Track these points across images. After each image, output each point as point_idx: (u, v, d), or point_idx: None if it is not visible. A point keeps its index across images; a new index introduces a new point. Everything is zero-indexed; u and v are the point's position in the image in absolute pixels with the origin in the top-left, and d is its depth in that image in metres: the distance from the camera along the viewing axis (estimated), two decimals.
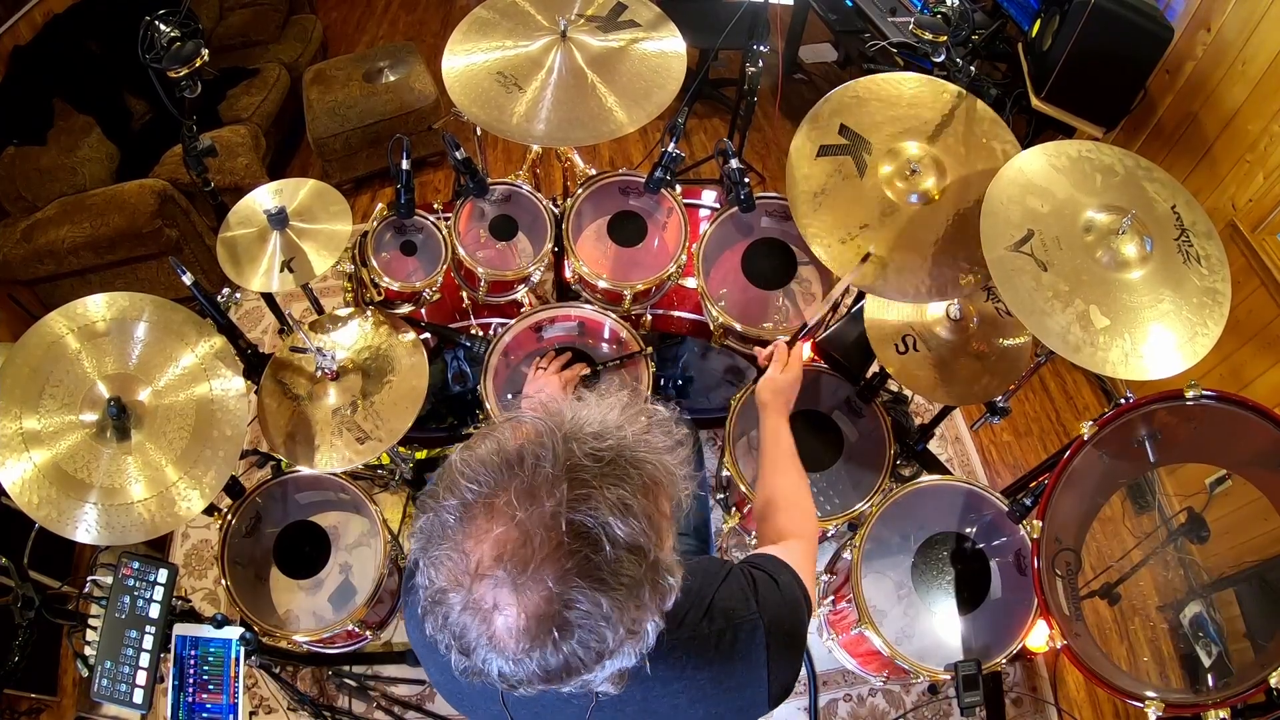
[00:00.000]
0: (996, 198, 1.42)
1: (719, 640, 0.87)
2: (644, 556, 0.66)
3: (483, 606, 0.64)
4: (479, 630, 0.65)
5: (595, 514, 0.64)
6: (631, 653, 0.69)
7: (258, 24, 3.88)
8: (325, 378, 1.72)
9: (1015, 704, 2.22)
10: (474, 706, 0.96)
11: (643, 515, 0.66)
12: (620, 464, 0.67)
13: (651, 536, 0.67)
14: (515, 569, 0.63)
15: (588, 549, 0.63)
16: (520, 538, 0.63)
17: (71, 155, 2.92)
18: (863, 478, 1.83)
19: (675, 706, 0.87)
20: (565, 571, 0.62)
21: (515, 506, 0.64)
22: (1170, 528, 1.43)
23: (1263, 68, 2.15)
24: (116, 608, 1.44)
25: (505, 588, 0.63)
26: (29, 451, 1.41)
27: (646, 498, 0.67)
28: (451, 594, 0.66)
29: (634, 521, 0.65)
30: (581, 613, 0.63)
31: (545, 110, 1.72)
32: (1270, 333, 2.17)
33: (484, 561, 0.64)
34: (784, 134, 3.79)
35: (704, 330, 2.01)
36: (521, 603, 0.63)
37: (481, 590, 0.64)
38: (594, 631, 0.64)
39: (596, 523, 0.64)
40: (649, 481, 0.68)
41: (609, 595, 0.64)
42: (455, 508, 0.66)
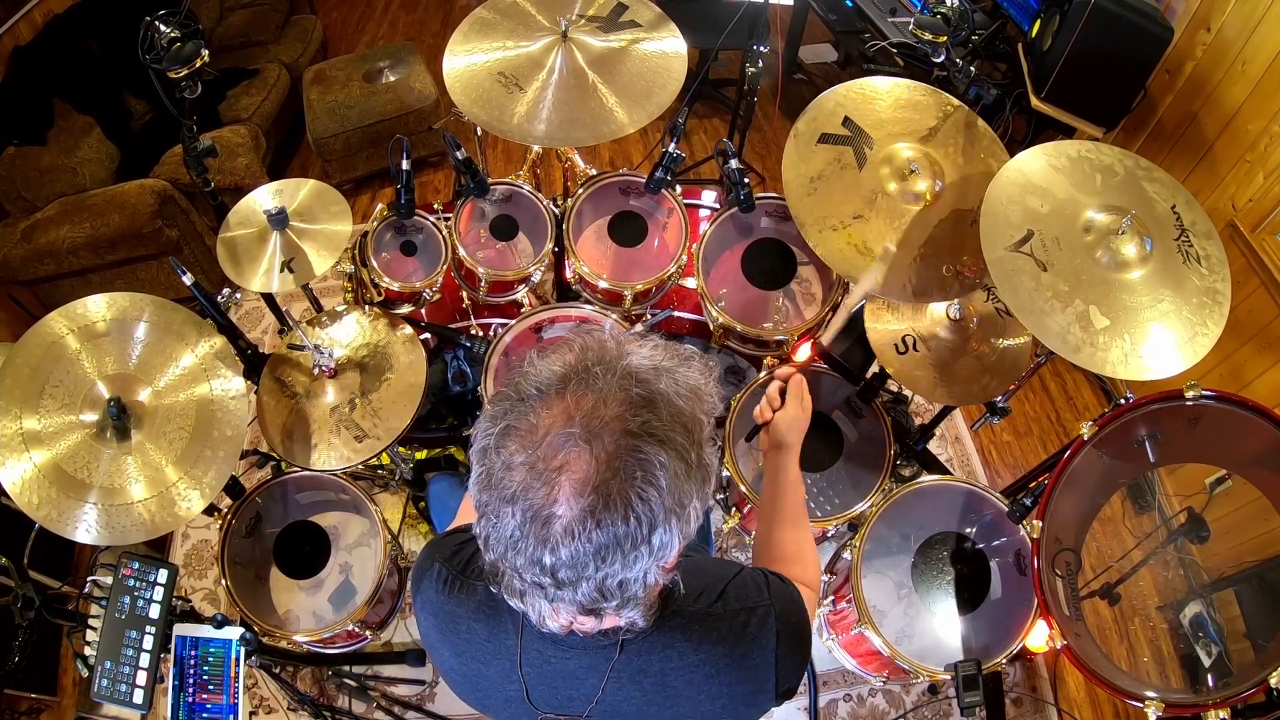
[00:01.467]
0: (996, 198, 1.43)
1: (733, 621, 0.90)
2: (692, 434, 0.74)
3: (551, 464, 0.69)
4: (542, 495, 0.69)
5: (656, 388, 0.73)
6: (676, 535, 0.73)
7: (258, 24, 3.88)
8: (323, 375, 1.72)
9: (1015, 704, 2.22)
10: (489, 690, 0.95)
11: (690, 403, 0.75)
12: (668, 368, 0.76)
13: (696, 422, 0.75)
14: (589, 420, 0.70)
15: (649, 413, 0.71)
16: (595, 398, 0.71)
17: (71, 155, 2.92)
18: (863, 478, 1.83)
19: (690, 682, 0.88)
20: (632, 427, 0.70)
21: (587, 374, 0.72)
22: (1170, 528, 1.43)
23: (1263, 68, 2.15)
24: (116, 608, 1.44)
25: (575, 441, 0.69)
26: (29, 451, 1.41)
27: (691, 394, 0.76)
28: (517, 458, 0.70)
29: (686, 403, 0.74)
30: (646, 461, 0.69)
31: (546, 110, 1.72)
32: (1270, 333, 2.17)
33: (556, 423, 0.70)
34: (784, 135, 3.77)
35: (704, 331, 2.01)
36: (593, 450, 0.69)
37: (551, 448, 0.69)
38: (653, 483, 0.69)
39: (658, 394, 0.72)
40: (692, 386, 0.77)
41: (667, 452, 0.70)
42: (534, 381, 0.74)
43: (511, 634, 0.89)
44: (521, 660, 0.90)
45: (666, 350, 0.79)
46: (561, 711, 0.92)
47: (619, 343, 0.77)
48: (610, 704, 0.90)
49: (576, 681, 0.90)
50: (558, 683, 0.91)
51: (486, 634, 0.91)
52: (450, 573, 0.94)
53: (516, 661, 0.90)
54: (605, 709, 0.90)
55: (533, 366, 0.76)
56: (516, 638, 0.89)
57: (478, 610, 0.91)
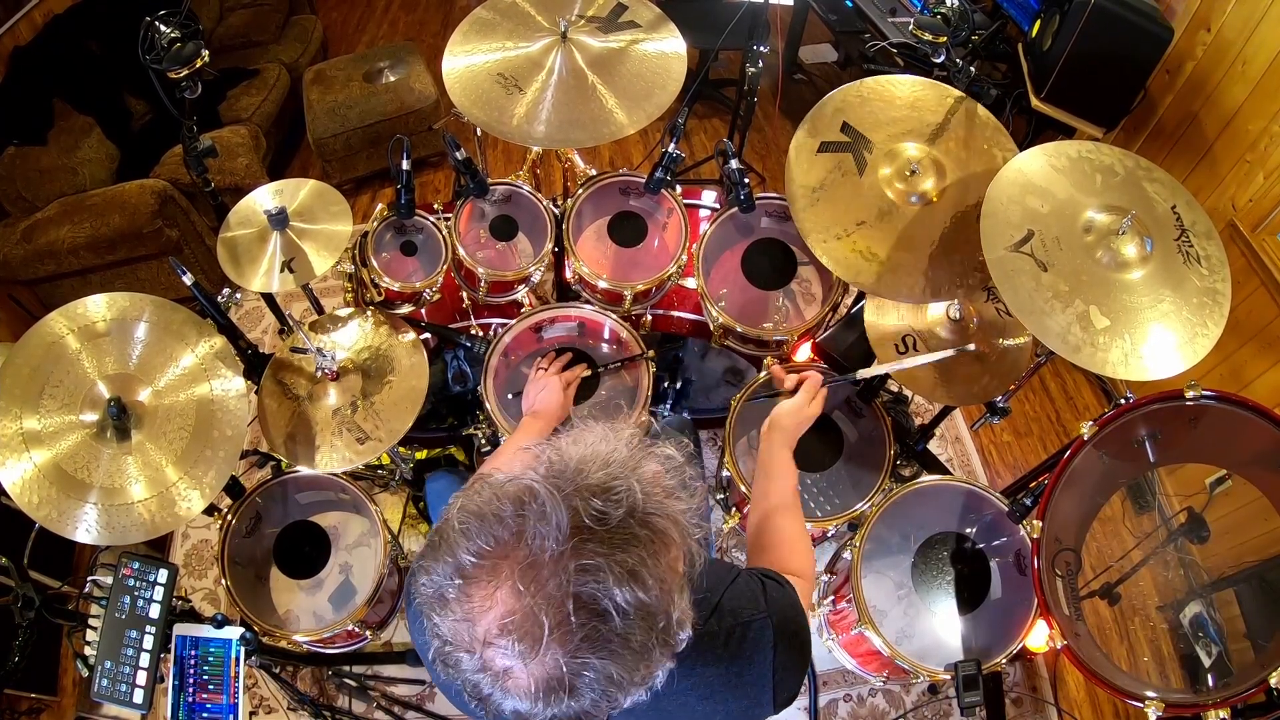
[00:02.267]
0: (996, 198, 1.42)
1: (728, 638, 0.88)
2: (654, 621, 0.65)
3: (493, 668, 0.65)
4: (492, 685, 0.66)
5: (603, 587, 0.63)
6: (647, 690, 0.71)
7: (258, 24, 3.88)
8: (325, 378, 1.72)
9: (1015, 704, 2.22)
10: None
11: (653, 579, 0.65)
12: (628, 524, 0.65)
13: (662, 599, 0.66)
14: (523, 645, 0.63)
15: (596, 621, 0.63)
16: (526, 615, 0.62)
17: (71, 155, 2.92)
18: (863, 478, 1.83)
19: (684, 705, 0.87)
20: (575, 646, 0.63)
21: (518, 582, 0.63)
22: (1170, 528, 1.43)
23: (1263, 68, 2.15)
24: (116, 608, 1.44)
25: (514, 659, 0.64)
26: (29, 451, 1.41)
27: (656, 560, 0.66)
28: (462, 654, 0.66)
29: (644, 588, 0.64)
30: (591, 679, 0.64)
31: (545, 111, 1.72)
32: (1270, 333, 2.17)
33: (491, 631, 0.64)
34: (784, 134, 3.79)
35: (704, 331, 2.01)
36: (531, 671, 0.63)
37: (491, 655, 0.65)
38: (605, 693, 0.65)
39: (605, 595, 0.63)
40: (658, 540, 0.67)
41: (618, 662, 0.64)
42: (453, 574, 0.65)
43: None
44: None
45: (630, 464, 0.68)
46: None
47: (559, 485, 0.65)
48: None
49: None
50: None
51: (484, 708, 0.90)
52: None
53: None
54: None
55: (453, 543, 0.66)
56: None
57: None
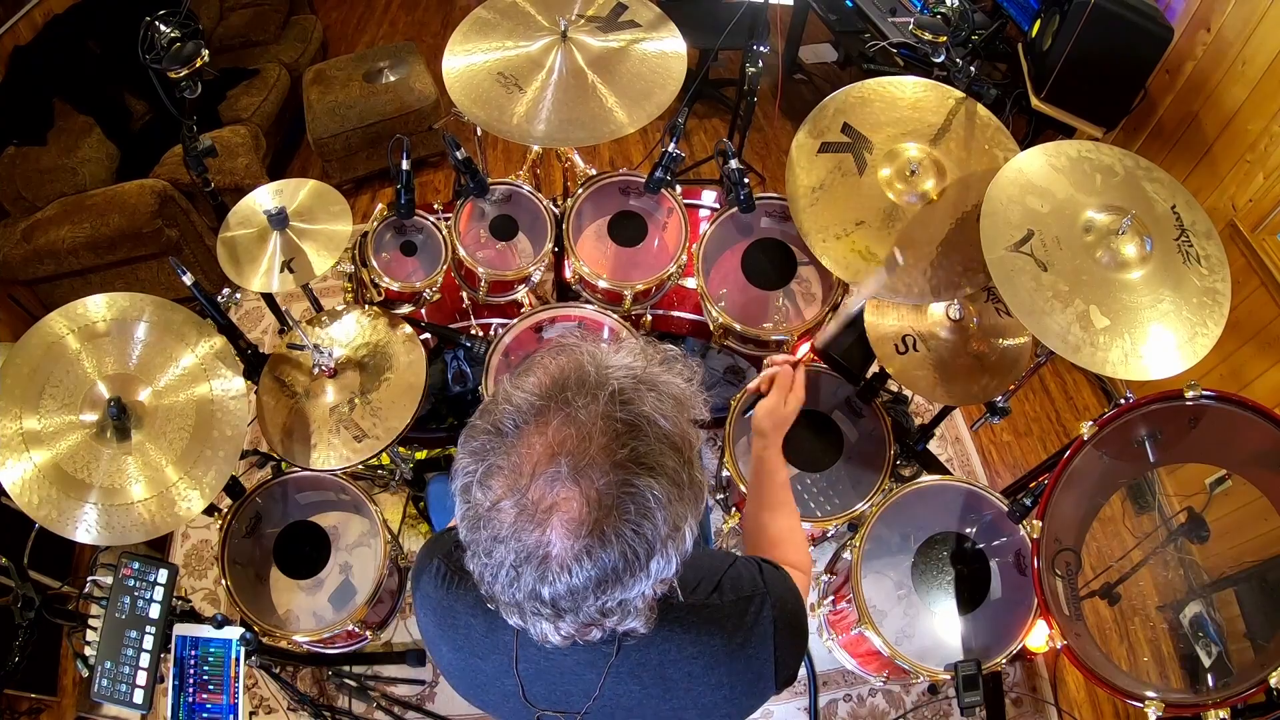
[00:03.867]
0: (996, 198, 1.42)
1: (730, 611, 0.90)
2: (681, 453, 0.72)
3: (540, 506, 0.68)
4: (534, 537, 0.68)
5: (640, 411, 0.70)
6: (673, 558, 0.72)
7: (258, 24, 3.88)
8: (323, 375, 1.72)
9: (1015, 704, 2.22)
10: (486, 685, 0.95)
11: (676, 418, 0.73)
12: (650, 380, 0.74)
13: (684, 437, 0.73)
14: (575, 459, 0.67)
15: (636, 440, 0.69)
16: (578, 433, 0.68)
17: (71, 155, 2.92)
18: (863, 478, 1.83)
19: (689, 674, 0.88)
20: (620, 460, 0.68)
21: (569, 406, 0.70)
22: (1170, 528, 1.43)
23: (1263, 68, 2.15)
24: (116, 608, 1.44)
25: (564, 480, 0.67)
26: (29, 451, 1.41)
27: (677, 406, 0.74)
28: (505, 502, 0.69)
29: (672, 421, 0.72)
30: (635, 493, 0.68)
31: (545, 111, 1.72)
32: (1270, 333, 2.17)
33: (540, 461, 0.68)
34: (784, 134, 3.79)
35: (704, 330, 2.01)
36: (583, 491, 0.67)
37: (538, 490, 0.68)
38: (646, 515, 0.68)
39: (643, 418, 0.70)
40: (676, 395, 0.75)
41: (658, 480, 0.69)
42: (511, 414, 0.71)
43: (509, 630, 0.89)
44: (518, 657, 0.90)
45: (646, 355, 0.77)
46: (559, 707, 0.92)
47: (595, 358, 0.74)
48: (609, 699, 0.90)
49: (574, 677, 0.90)
50: (555, 679, 0.91)
51: (484, 630, 0.92)
52: (448, 569, 0.94)
53: (513, 658, 0.90)
54: (604, 704, 0.90)
55: (507, 396, 0.73)
56: (514, 635, 0.89)
57: (475, 606, 0.91)
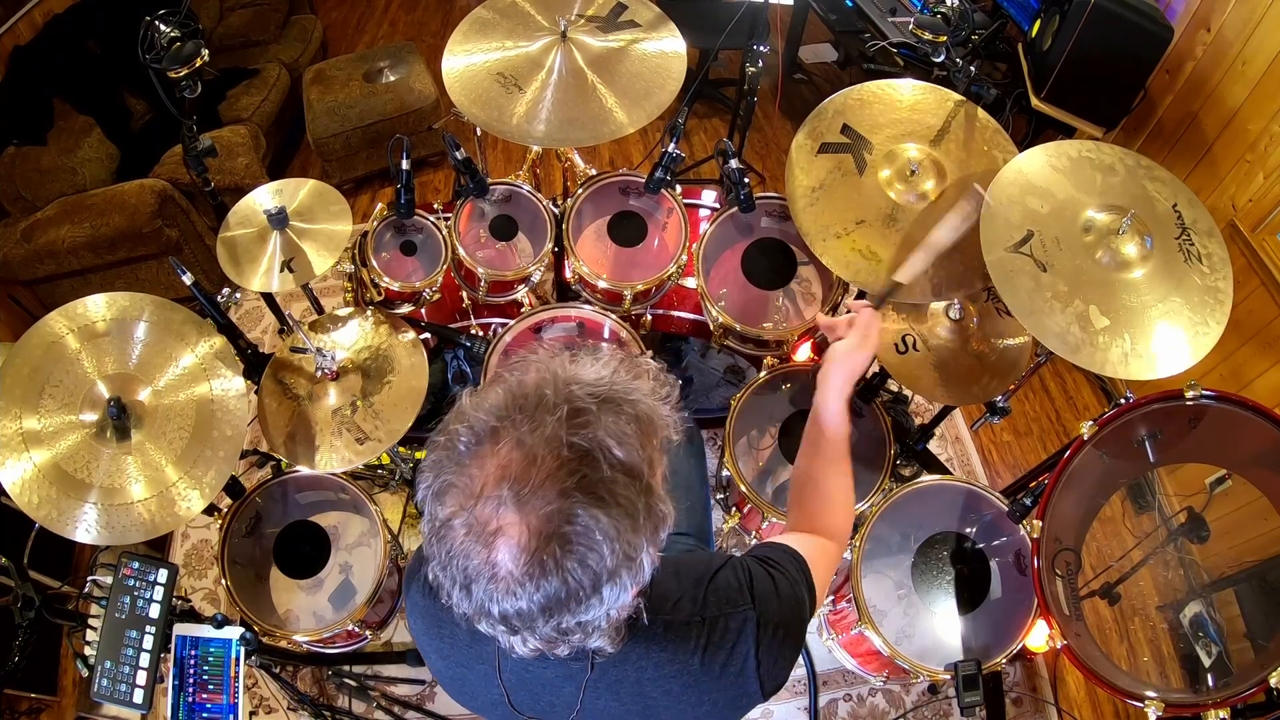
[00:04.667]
0: (996, 198, 1.42)
1: (711, 628, 0.88)
2: (638, 480, 0.70)
3: (486, 528, 0.67)
4: (481, 556, 0.68)
5: (594, 436, 0.69)
6: (629, 587, 0.71)
7: (258, 24, 3.88)
8: (325, 378, 1.72)
9: (1015, 704, 2.22)
10: (475, 693, 0.96)
11: (637, 443, 0.71)
12: (614, 400, 0.72)
13: (645, 465, 0.71)
14: (519, 486, 0.67)
15: (586, 468, 0.67)
16: (524, 458, 0.68)
17: (71, 155, 2.92)
18: (863, 478, 1.83)
19: (668, 692, 0.88)
20: (566, 488, 0.67)
21: (520, 429, 0.69)
22: (1170, 528, 1.43)
23: (1263, 68, 2.14)
24: (116, 608, 1.44)
25: (509, 506, 0.67)
26: (29, 451, 1.41)
27: (640, 430, 0.72)
28: (455, 520, 0.69)
29: (629, 447, 0.70)
30: (581, 528, 0.66)
31: (545, 111, 1.72)
32: (1270, 333, 2.17)
33: (488, 483, 0.68)
34: (784, 134, 3.79)
35: (704, 330, 2.01)
36: (524, 518, 0.66)
37: (485, 512, 0.68)
38: (592, 548, 0.67)
39: (596, 444, 0.68)
40: (641, 416, 0.73)
41: (607, 512, 0.67)
42: (464, 435, 0.71)
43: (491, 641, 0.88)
44: (500, 667, 0.90)
45: (617, 369, 0.75)
46: (544, 717, 0.92)
47: (558, 375, 0.73)
48: (591, 712, 0.89)
49: (555, 689, 0.90)
50: (538, 690, 0.91)
51: (468, 640, 0.91)
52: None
53: (496, 668, 0.90)
54: (587, 716, 0.90)
55: (463, 415, 0.72)
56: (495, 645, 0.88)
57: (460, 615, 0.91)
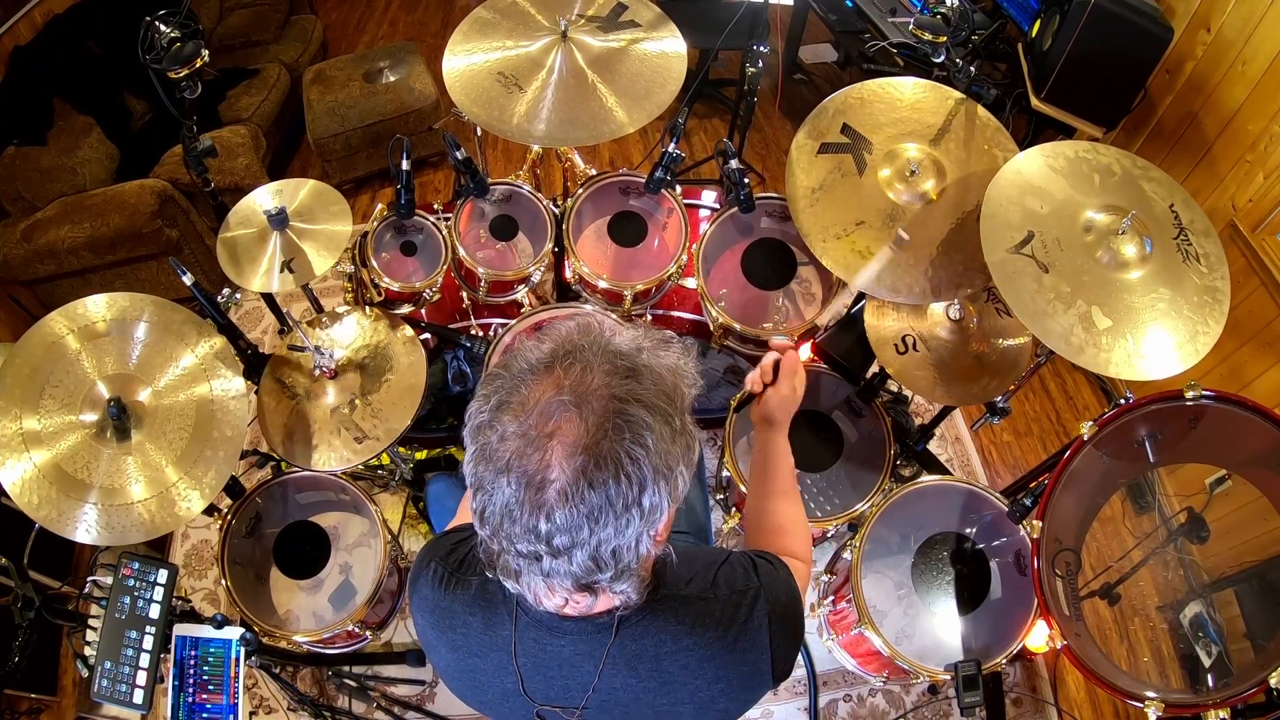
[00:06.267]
0: (996, 199, 1.42)
1: (724, 605, 0.91)
2: (674, 402, 0.78)
3: (543, 431, 0.72)
4: (534, 461, 0.72)
5: (639, 360, 0.78)
6: (666, 499, 0.76)
7: (258, 24, 3.88)
8: (323, 376, 1.72)
9: (1015, 704, 2.22)
10: (486, 684, 0.96)
11: (671, 377, 0.79)
12: (648, 349, 0.81)
13: (678, 396, 0.79)
14: (577, 389, 0.74)
15: (634, 381, 0.75)
16: (582, 370, 0.75)
17: (71, 155, 2.92)
18: (863, 478, 1.83)
19: (685, 666, 0.89)
20: (617, 393, 0.74)
21: (574, 354, 0.77)
22: (1170, 528, 1.43)
23: (1263, 68, 2.14)
24: (116, 608, 1.44)
25: (565, 407, 0.73)
26: (29, 451, 1.41)
27: (671, 371, 0.80)
28: (510, 428, 0.74)
29: (665, 380, 0.78)
30: (631, 419, 0.73)
31: (545, 110, 1.72)
32: (1270, 333, 2.17)
33: (546, 394, 0.74)
34: (784, 134, 3.79)
35: (704, 331, 2.01)
36: (581, 414, 0.72)
37: (543, 415, 0.73)
38: (640, 442, 0.72)
39: (642, 365, 0.77)
40: (671, 365, 0.81)
41: (652, 415, 0.74)
42: (522, 361, 0.78)
43: (507, 624, 0.90)
44: (517, 650, 0.91)
45: (647, 334, 0.84)
46: (558, 703, 0.92)
47: (601, 325, 0.82)
48: (606, 692, 0.90)
49: (572, 669, 0.90)
50: (554, 672, 0.91)
51: (482, 626, 0.92)
52: (446, 570, 0.95)
53: (512, 652, 0.91)
54: (602, 698, 0.90)
55: (523, 348, 0.80)
56: (512, 628, 0.90)
57: (472, 604, 0.93)
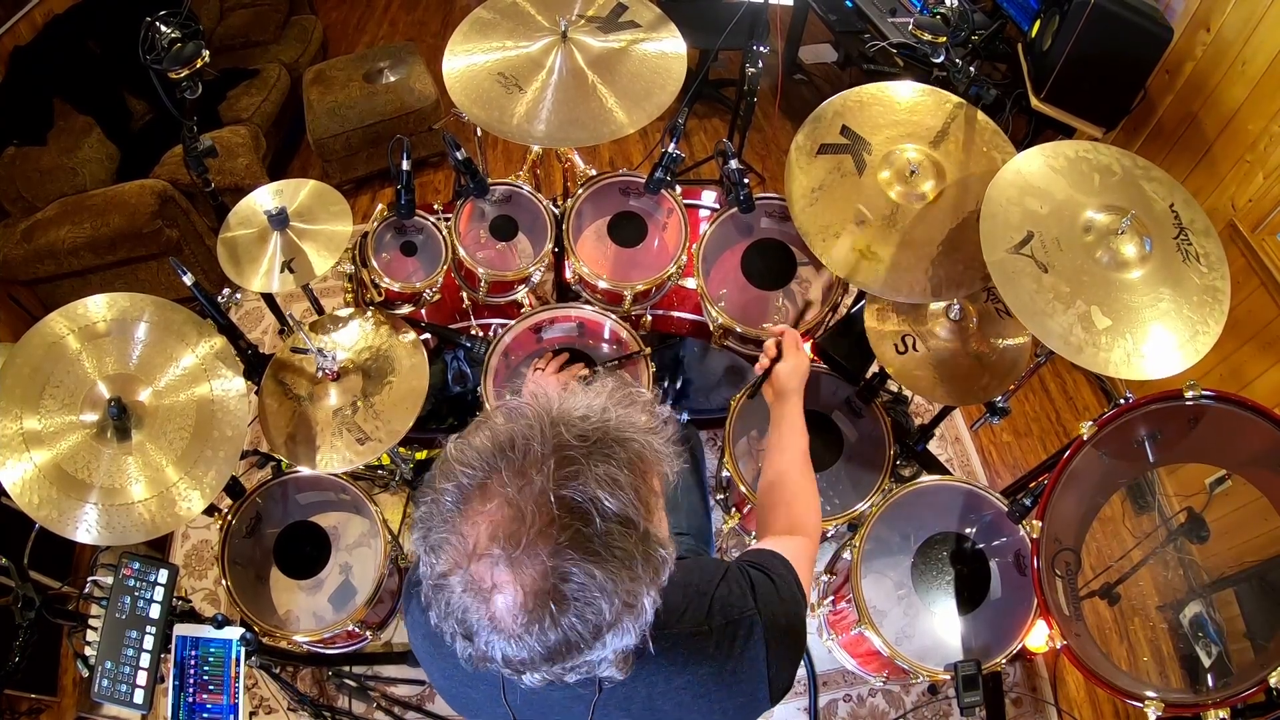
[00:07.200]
0: (995, 199, 1.42)
1: (719, 637, 0.88)
2: (634, 529, 0.68)
3: (482, 586, 0.67)
4: (479, 611, 0.67)
5: (584, 489, 0.67)
6: (632, 629, 0.70)
7: (258, 24, 3.88)
8: (326, 378, 1.72)
9: (1015, 704, 2.22)
10: (478, 710, 0.96)
11: (630, 489, 0.69)
12: (606, 442, 0.70)
13: (640, 510, 0.69)
14: (510, 546, 0.65)
15: (579, 523, 0.66)
16: (513, 515, 0.66)
17: (71, 155, 2.92)
18: (863, 478, 1.83)
19: (680, 704, 0.87)
20: (558, 545, 0.65)
21: (508, 485, 0.67)
22: (1170, 528, 1.43)
23: (1263, 68, 2.15)
24: (117, 608, 1.44)
25: (502, 565, 0.66)
26: (29, 451, 1.41)
27: (633, 473, 0.70)
28: (451, 577, 0.68)
29: (622, 495, 0.68)
30: (576, 585, 0.65)
31: (545, 111, 1.72)
32: (1270, 333, 2.17)
33: (480, 542, 0.66)
34: (784, 134, 3.79)
35: (704, 330, 2.01)
36: (518, 579, 0.65)
37: (480, 570, 0.67)
38: (589, 604, 0.66)
39: (586, 497, 0.66)
40: (635, 458, 0.71)
41: (602, 567, 0.66)
42: (452, 491, 0.69)
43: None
44: (506, 690, 0.89)
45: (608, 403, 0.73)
46: None
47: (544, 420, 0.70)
48: None
49: (563, 709, 0.89)
50: (545, 710, 0.91)
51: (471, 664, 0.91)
52: None
53: (501, 692, 0.90)
54: None
55: (450, 468, 0.70)
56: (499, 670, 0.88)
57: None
